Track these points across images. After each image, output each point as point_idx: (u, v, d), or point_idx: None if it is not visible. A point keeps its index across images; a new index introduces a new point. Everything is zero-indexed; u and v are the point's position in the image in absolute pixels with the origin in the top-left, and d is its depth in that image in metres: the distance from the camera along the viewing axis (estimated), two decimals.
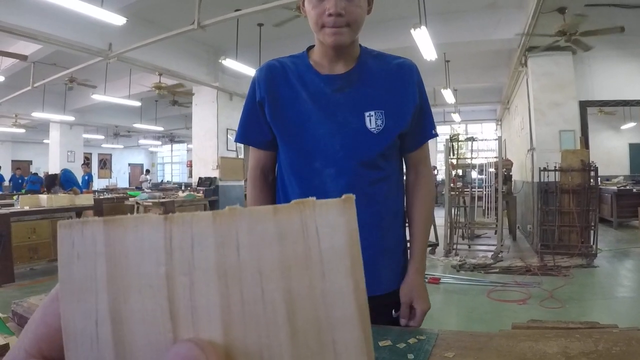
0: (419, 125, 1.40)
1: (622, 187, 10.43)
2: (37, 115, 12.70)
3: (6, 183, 15.95)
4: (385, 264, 1.37)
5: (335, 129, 1.32)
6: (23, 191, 11.79)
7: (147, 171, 23.17)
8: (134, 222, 0.24)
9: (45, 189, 9.75)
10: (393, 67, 1.38)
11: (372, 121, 1.31)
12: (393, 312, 1.37)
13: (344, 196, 0.23)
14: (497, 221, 7.39)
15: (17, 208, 6.49)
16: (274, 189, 1.49)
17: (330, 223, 0.22)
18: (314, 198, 0.23)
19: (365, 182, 1.32)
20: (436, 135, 1.45)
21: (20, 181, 14.06)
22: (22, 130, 15.65)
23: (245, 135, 1.45)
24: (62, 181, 9.49)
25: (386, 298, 1.37)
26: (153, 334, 0.23)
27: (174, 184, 21.97)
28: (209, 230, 0.23)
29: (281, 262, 0.22)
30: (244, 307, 0.23)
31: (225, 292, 0.23)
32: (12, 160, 20.52)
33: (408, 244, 1.44)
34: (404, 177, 1.50)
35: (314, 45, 1.42)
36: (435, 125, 1.46)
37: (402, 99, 1.36)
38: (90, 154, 22.80)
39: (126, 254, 0.24)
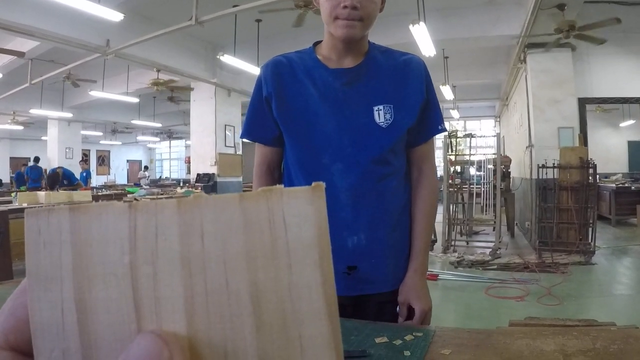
0: (424, 120, 1.39)
1: (620, 185, 10.44)
2: (35, 112, 12.67)
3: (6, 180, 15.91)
4: (393, 260, 1.37)
5: (343, 124, 1.31)
6: (23, 188, 11.77)
7: (146, 167, 23.11)
8: (99, 210, 0.23)
9: (47, 186, 9.78)
10: (401, 62, 1.38)
11: (381, 115, 1.31)
12: (398, 308, 1.37)
13: (313, 184, 0.22)
14: (495, 218, 7.40)
15: (16, 205, 6.47)
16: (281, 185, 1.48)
17: (298, 212, 0.21)
18: (282, 186, 0.22)
19: (375, 178, 1.31)
20: (443, 130, 1.44)
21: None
22: (20, 127, 15.65)
23: (252, 131, 1.45)
24: (68, 176, 9.53)
25: (392, 294, 1.37)
26: (117, 324, 0.23)
27: (173, 180, 21.95)
28: (173, 219, 0.22)
29: (247, 252, 0.22)
30: (207, 298, 0.22)
31: (189, 282, 0.22)
32: (11, 157, 20.49)
33: None
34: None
35: (320, 41, 1.41)
36: (442, 120, 1.44)
37: (409, 94, 1.35)
38: (89, 150, 22.79)
39: (91, 242, 0.23)
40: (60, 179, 9.56)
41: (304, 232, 0.21)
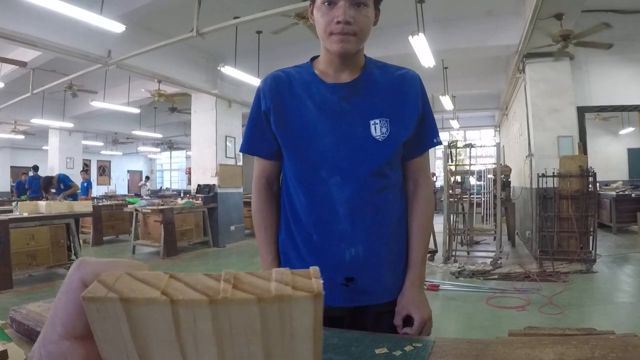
0: (420, 133, 1.41)
1: (620, 192, 10.44)
2: (37, 121, 12.70)
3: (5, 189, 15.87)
4: (390, 271, 1.38)
5: (341, 138, 1.33)
6: (24, 197, 11.76)
7: (147, 178, 23.04)
8: (147, 303, 0.27)
9: (42, 190, 9.78)
10: (397, 77, 1.40)
11: (377, 129, 1.33)
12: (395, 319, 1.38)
13: (315, 289, 0.26)
14: (495, 227, 7.39)
15: (16, 214, 6.48)
16: (279, 198, 1.50)
17: (302, 313, 0.26)
18: (290, 292, 0.26)
19: (371, 190, 1.33)
20: (439, 143, 1.46)
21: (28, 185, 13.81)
22: (21, 137, 15.65)
23: (251, 145, 1.47)
24: (62, 178, 9.52)
25: (390, 305, 1.38)
26: None
27: (173, 190, 21.95)
28: (207, 313, 0.26)
29: (261, 332, 0.26)
30: (234, 354, 0.27)
31: (222, 350, 0.27)
32: (11, 167, 20.52)
33: None
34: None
35: (317, 56, 1.44)
36: (437, 134, 1.47)
37: (405, 108, 1.37)
38: (90, 160, 22.82)
39: (145, 321, 0.27)
40: (57, 184, 9.56)
41: (305, 321, 0.26)
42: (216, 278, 0.27)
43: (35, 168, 12.63)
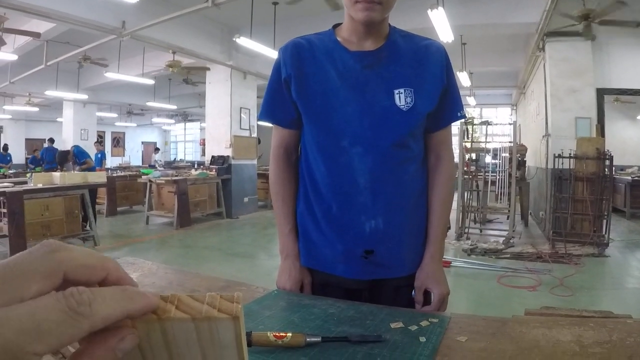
0: (443, 106, 1.37)
1: (636, 178, 10.29)
2: (51, 93, 12.71)
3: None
4: (409, 244, 1.37)
5: (364, 107, 1.29)
6: (39, 169, 11.87)
7: (157, 149, 22.97)
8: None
9: (58, 164, 9.85)
10: (421, 47, 1.36)
11: (402, 98, 1.29)
12: (413, 292, 1.37)
13: (234, 313, 0.34)
14: (509, 206, 7.35)
15: (31, 185, 6.55)
16: (297, 168, 1.48)
17: (224, 330, 0.34)
18: (215, 313, 0.34)
19: (394, 162, 1.30)
20: (463, 117, 1.42)
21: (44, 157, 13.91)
22: (36, 109, 15.72)
23: (270, 113, 1.44)
24: (76, 153, 9.56)
25: (408, 279, 1.37)
26: None
27: (187, 162, 22.04)
28: None
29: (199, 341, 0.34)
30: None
31: (171, 355, 0.35)
32: (26, 139, 20.66)
33: None
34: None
35: (339, 24, 1.40)
36: (462, 107, 1.42)
37: (430, 79, 1.33)
38: (104, 132, 22.95)
39: None
40: (73, 157, 9.60)
41: (228, 335, 0.34)
42: (165, 299, 0.35)
43: (51, 140, 12.76)
